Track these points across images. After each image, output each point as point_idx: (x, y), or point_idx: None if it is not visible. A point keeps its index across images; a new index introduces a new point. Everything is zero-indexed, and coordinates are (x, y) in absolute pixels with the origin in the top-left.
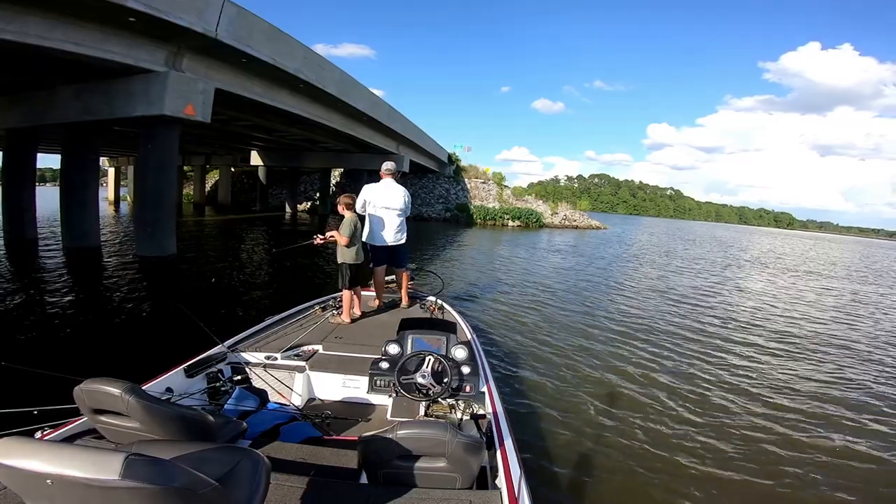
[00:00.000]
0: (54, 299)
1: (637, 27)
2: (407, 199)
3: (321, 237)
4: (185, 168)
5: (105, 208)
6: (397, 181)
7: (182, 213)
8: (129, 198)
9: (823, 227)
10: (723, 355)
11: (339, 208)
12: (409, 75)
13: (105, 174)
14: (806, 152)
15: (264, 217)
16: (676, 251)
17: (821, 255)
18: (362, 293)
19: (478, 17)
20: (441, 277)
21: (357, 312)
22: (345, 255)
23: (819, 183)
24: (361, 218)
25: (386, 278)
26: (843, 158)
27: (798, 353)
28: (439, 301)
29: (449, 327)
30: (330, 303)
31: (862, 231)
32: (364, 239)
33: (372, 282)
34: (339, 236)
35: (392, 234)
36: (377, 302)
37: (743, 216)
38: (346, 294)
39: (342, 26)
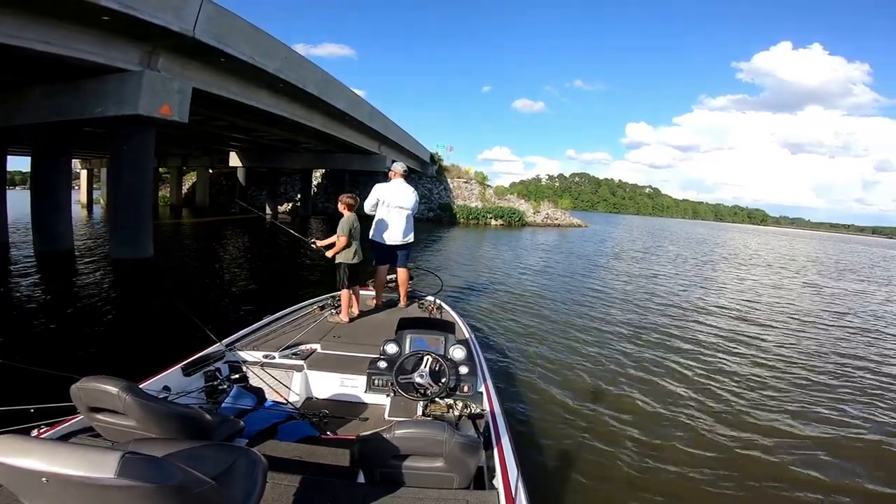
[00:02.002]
0: (31, 302)
1: (616, 27)
2: (416, 199)
3: (319, 243)
4: (160, 170)
5: (78, 211)
6: (406, 181)
7: (158, 215)
8: (102, 200)
9: (796, 223)
10: (724, 355)
11: (340, 207)
12: (390, 76)
13: (77, 176)
14: (777, 150)
15: (244, 219)
16: (656, 250)
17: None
18: (361, 292)
19: (459, 17)
20: (440, 277)
21: (355, 312)
22: (343, 255)
23: (791, 180)
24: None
25: (388, 276)
26: (813, 156)
27: (804, 358)
28: (438, 301)
29: (447, 327)
30: (328, 302)
31: (833, 227)
32: (371, 237)
33: (371, 281)
34: (338, 238)
35: (403, 233)
36: (376, 301)
37: (718, 213)
38: (344, 293)
39: (321, 25)
